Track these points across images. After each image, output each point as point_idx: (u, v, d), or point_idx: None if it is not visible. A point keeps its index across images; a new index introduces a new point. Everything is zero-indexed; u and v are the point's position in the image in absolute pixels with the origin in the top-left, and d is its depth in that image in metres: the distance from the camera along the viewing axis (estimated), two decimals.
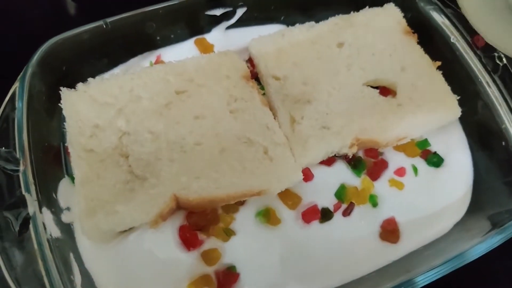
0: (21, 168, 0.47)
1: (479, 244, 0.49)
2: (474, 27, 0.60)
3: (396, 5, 0.68)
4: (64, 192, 0.53)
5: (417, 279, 0.47)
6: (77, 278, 0.47)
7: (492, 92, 0.60)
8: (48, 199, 0.49)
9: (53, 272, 0.42)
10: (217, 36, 0.67)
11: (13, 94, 0.51)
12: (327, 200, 0.59)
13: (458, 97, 0.62)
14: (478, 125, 0.63)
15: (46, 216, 0.47)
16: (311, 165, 0.58)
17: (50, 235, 0.46)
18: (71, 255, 0.48)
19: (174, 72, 0.59)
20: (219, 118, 0.57)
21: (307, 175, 0.58)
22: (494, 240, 0.50)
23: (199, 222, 0.54)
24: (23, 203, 0.46)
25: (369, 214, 0.59)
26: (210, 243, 0.54)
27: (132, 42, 0.62)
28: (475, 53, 0.62)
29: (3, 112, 0.50)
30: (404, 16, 0.67)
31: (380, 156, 0.62)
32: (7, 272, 0.43)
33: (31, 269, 0.43)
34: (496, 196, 0.59)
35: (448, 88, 0.62)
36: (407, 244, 0.58)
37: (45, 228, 0.45)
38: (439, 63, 0.63)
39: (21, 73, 0.52)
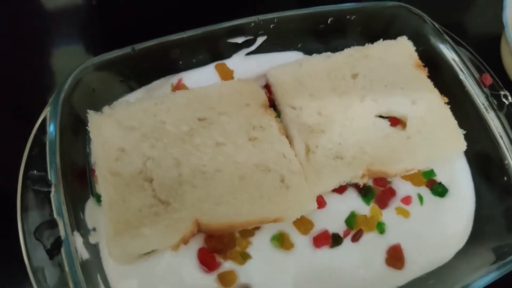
0: (53, 190, 0.49)
1: (480, 279, 0.53)
2: None
3: (408, 38, 0.71)
4: (90, 212, 0.55)
5: None
6: None
7: (497, 128, 0.64)
8: (77, 221, 0.51)
9: None
10: (237, 61, 0.69)
11: (44, 118, 0.53)
12: (337, 226, 0.62)
13: (464, 132, 0.65)
14: (482, 159, 0.66)
15: (77, 239, 0.49)
16: (324, 193, 0.61)
17: (81, 258, 0.48)
18: (98, 276, 0.51)
19: (197, 98, 0.61)
20: (239, 146, 0.59)
21: (320, 203, 0.61)
22: (495, 275, 0.54)
23: (217, 245, 0.56)
24: (53, 226, 0.48)
25: (376, 241, 0.62)
26: (227, 265, 0.57)
27: (156, 67, 0.64)
28: (482, 91, 0.65)
29: (34, 136, 0.52)
30: (416, 50, 0.70)
31: (388, 185, 0.65)
32: None
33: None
34: (497, 228, 0.62)
35: (455, 123, 0.65)
36: (411, 270, 0.61)
37: (76, 251, 0.47)
38: (446, 99, 0.66)
39: (53, 97, 0.54)
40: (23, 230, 0.48)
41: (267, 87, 0.68)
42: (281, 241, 0.59)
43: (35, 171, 0.50)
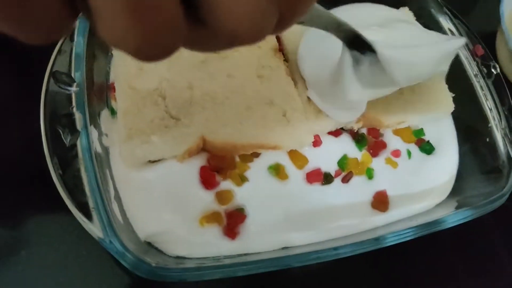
0: (75, 88, 0.53)
1: (449, 215, 0.58)
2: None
3: (410, 9, 0.77)
4: (105, 120, 0.59)
5: (387, 236, 0.56)
6: (111, 191, 0.54)
7: (484, 95, 0.69)
8: (94, 122, 0.55)
9: (97, 177, 0.49)
10: None
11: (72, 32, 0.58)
12: (330, 166, 0.66)
13: (453, 95, 0.70)
14: (468, 122, 0.72)
15: (93, 132, 0.53)
16: (321, 133, 0.66)
17: (95, 149, 0.52)
18: (107, 171, 0.55)
19: None
20: (248, 80, 0.64)
21: (317, 141, 0.66)
22: (465, 215, 0.59)
23: (218, 164, 0.61)
24: (73, 121, 0.52)
25: (365, 185, 0.67)
26: (225, 185, 0.61)
27: None
28: (474, 59, 0.71)
29: (62, 44, 0.56)
30: (417, 20, 0.76)
31: (380, 137, 0.71)
32: (56, 176, 0.49)
33: (77, 174, 0.49)
34: (476, 183, 0.67)
35: (446, 86, 0.71)
36: (394, 214, 0.67)
37: (92, 142, 0.52)
38: None
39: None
40: (44, 122, 0.52)
41: (277, 38, 0.74)
42: (277, 170, 0.63)
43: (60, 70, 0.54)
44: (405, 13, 0.77)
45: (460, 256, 0.70)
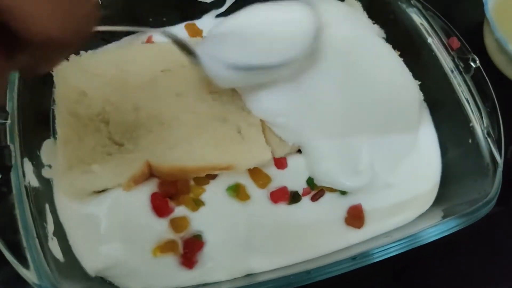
0: (9, 121, 0.51)
1: (431, 228, 0.52)
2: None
3: (380, 5, 0.71)
4: (48, 150, 0.57)
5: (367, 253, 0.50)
6: (50, 227, 0.51)
7: (463, 92, 0.63)
8: (30, 153, 0.52)
9: (26, 214, 0.46)
10: (206, 22, 0.71)
11: None
12: (298, 185, 0.61)
13: (419, 82, 0.65)
14: (447, 123, 0.65)
15: (27, 166, 0.51)
16: (288, 155, 0.62)
17: (29, 183, 0.49)
18: (47, 206, 0.52)
19: (162, 52, 0.63)
20: (199, 98, 0.60)
21: (282, 164, 0.61)
22: (448, 226, 0.52)
23: (170, 190, 0.57)
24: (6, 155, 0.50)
25: (337, 200, 0.62)
26: (179, 211, 0.57)
27: (126, 22, 0.66)
28: (449, 54, 0.64)
29: None
30: (386, 17, 0.70)
31: None
32: None
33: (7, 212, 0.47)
34: (461, 189, 0.61)
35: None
36: (370, 230, 0.61)
37: (24, 176, 0.49)
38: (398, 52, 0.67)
39: None
40: None
41: None
42: (237, 191, 0.59)
43: None
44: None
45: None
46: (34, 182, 0.51)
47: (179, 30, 0.70)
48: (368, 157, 0.61)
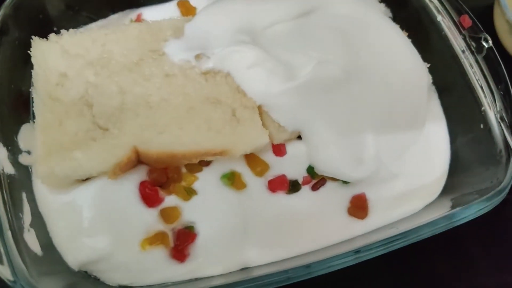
0: None
1: (435, 220, 0.48)
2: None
3: None
4: (26, 135, 0.53)
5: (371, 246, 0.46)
6: (27, 217, 0.47)
7: (475, 73, 0.59)
8: (6, 138, 0.48)
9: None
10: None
11: None
12: (297, 173, 0.57)
13: (428, 65, 0.61)
14: (458, 107, 0.61)
15: (1, 152, 0.47)
16: (287, 141, 0.57)
17: (2, 170, 0.45)
18: (24, 194, 0.48)
19: (150, 31, 0.58)
20: (190, 78, 0.56)
21: (281, 151, 0.57)
22: (459, 216, 0.49)
23: (160, 178, 0.53)
24: None
25: (339, 189, 0.58)
26: (170, 201, 0.53)
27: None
28: (460, 33, 0.60)
29: None
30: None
31: None
32: None
33: None
34: (471, 178, 0.57)
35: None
36: (374, 220, 0.57)
37: None
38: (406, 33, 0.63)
39: None
40: None
41: None
42: (232, 179, 0.55)
43: None
44: None
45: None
46: (9, 169, 0.47)
47: (171, 7, 0.65)
48: (373, 144, 0.57)
